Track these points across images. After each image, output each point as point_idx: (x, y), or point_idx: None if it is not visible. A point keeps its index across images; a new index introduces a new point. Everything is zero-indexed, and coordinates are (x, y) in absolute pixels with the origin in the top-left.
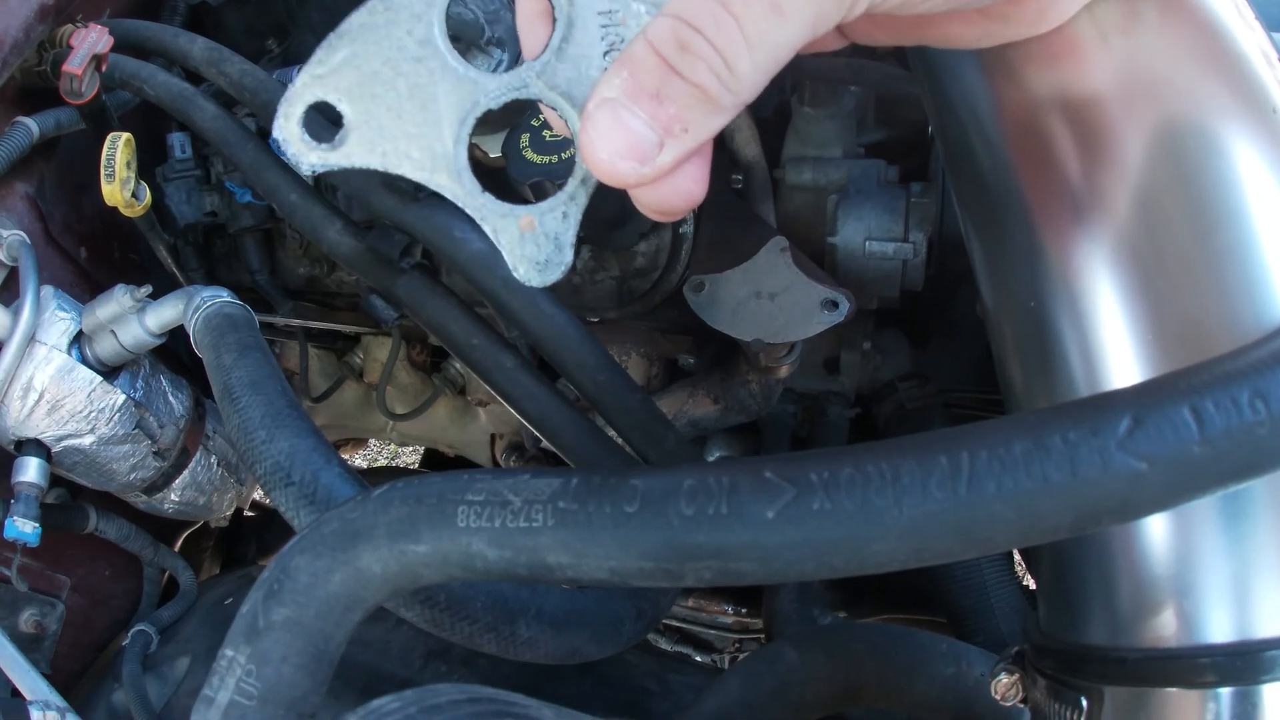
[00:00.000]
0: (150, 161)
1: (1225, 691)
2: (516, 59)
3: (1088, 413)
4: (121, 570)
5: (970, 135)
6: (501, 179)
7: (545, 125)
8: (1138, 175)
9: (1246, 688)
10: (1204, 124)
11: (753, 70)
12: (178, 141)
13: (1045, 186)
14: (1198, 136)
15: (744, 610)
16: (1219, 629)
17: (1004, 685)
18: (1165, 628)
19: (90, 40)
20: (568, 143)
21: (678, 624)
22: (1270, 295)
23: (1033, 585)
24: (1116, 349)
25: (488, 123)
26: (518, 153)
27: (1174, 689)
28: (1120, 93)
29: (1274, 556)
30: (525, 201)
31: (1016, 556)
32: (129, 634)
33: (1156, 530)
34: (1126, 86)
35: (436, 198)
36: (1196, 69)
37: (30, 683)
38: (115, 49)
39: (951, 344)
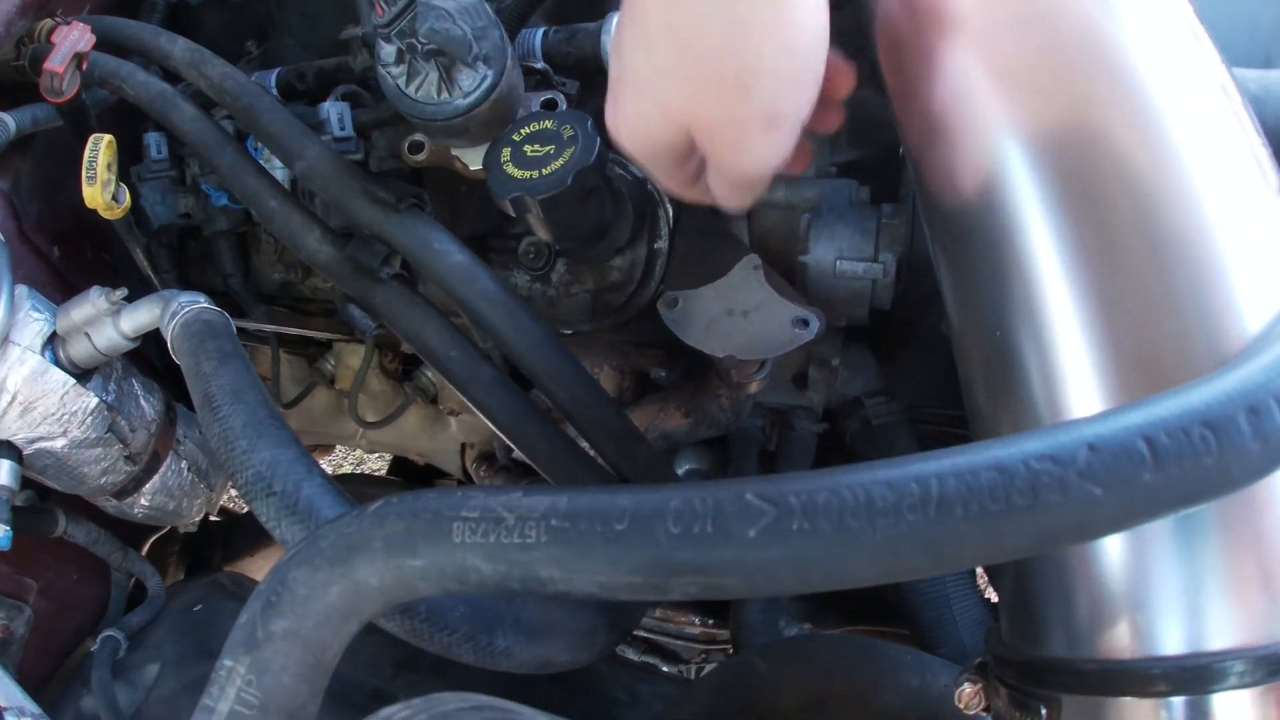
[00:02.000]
0: (125, 160)
1: (1177, 700)
2: (502, 75)
3: (1049, 441)
4: (89, 574)
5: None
6: (482, 192)
7: (527, 140)
8: (1099, 207)
9: (1197, 697)
10: (1167, 154)
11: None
12: (154, 141)
13: (1012, 211)
14: (1161, 168)
15: (710, 621)
16: (1171, 642)
17: (967, 695)
18: (1120, 640)
19: (73, 38)
20: (549, 158)
21: (645, 634)
22: (1225, 332)
23: (994, 598)
24: (1077, 379)
25: (470, 134)
26: (498, 167)
27: (1129, 698)
28: (1087, 105)
29: (1222, 574)
30: (503, 215)
31: (979, 571)
32: (97, 639)
33: (1113, 549)
34: (1094, 104)
35: (417, 209)
36: (1162, 98)
37: (4, 689)
38: (95, 46)
39: (917, 361)
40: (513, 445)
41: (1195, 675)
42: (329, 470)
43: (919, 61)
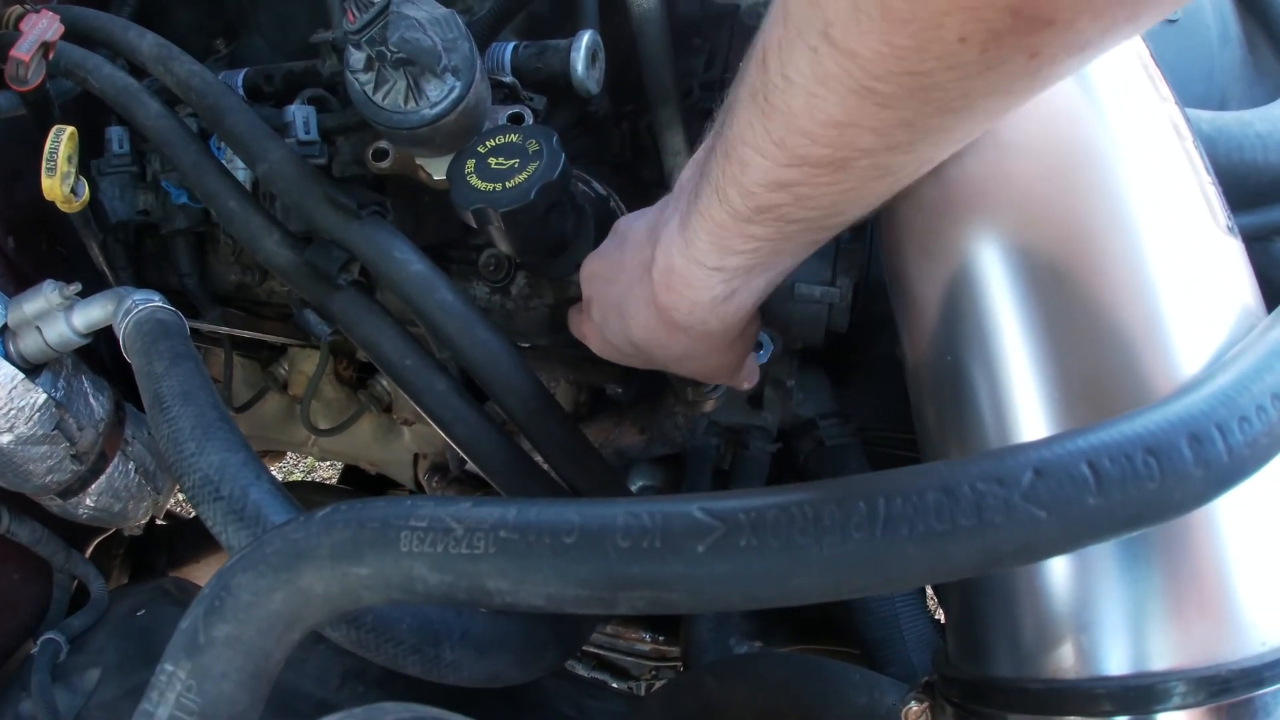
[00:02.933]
0: (86, 153)
1: None
2: (470, 87)
3: (994, 464)
4: (31, 575)
5: (898, 194)
6: (444, 202)
7: (492, 153)
8: (1051, 242)
9: (1141, 716)
10: (1119, 194)
11: None
12: (116, 136)
13: (967, 244)
14: (1111, 208)
15: (661, 638)
16: (1115, 662)
17: (914, 714)
18: (1065, 660)
19: (41, 26)
20: (513, 172)
21: (595, 650)
22: (1168, 363)
23: (943, 619)
24: (1025, 405)
25: (435, 144)
26: (462, 178)
27: (1073, 718)
28: (1038, 139)
29: (1166, 597)
30: (464, 226)
31: (929, 591)
32: (38, 642)
33: (1058, 570)
34: (1046, 136)
35: (378, 216)
36: (1115, 133)
37: None
38: (63, 36)
39: (872, 384)
40: (465, 457)
41: (1139, 695)
42: (279, 477)
43: None
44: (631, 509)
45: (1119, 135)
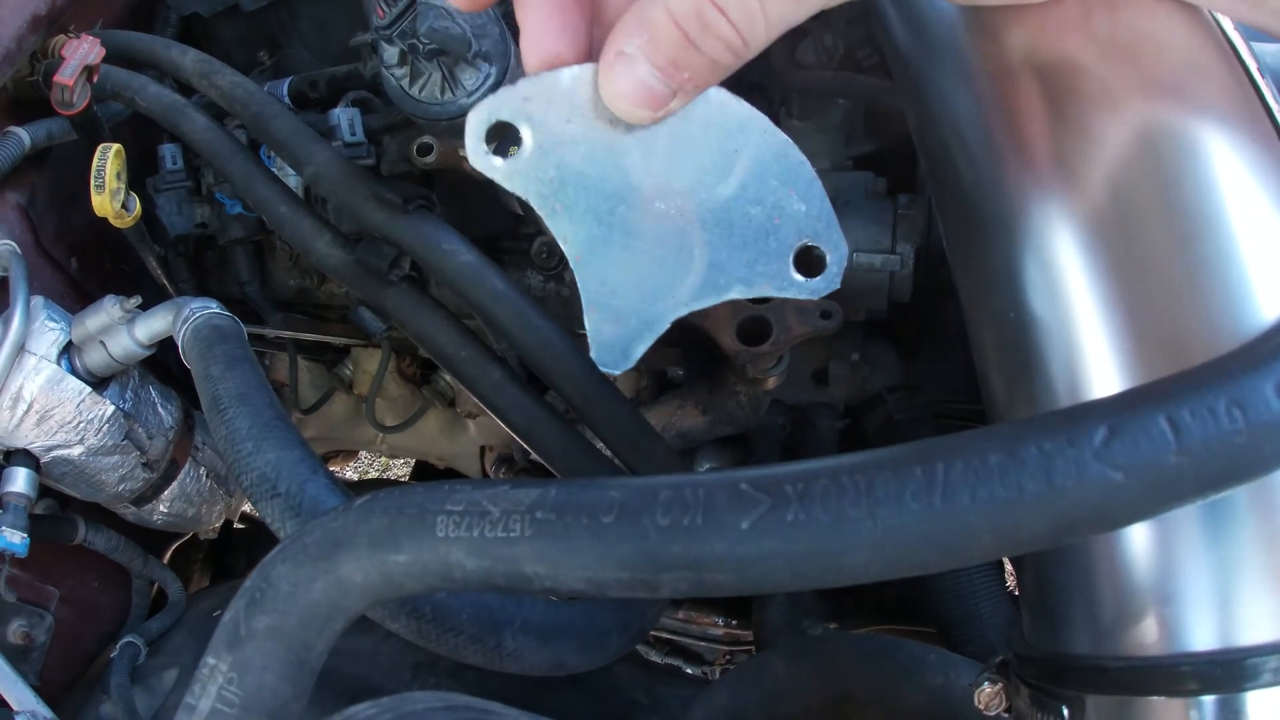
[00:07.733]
0: (141, 172)
1: (1208, 699)
2: (505, 74)
3: (1063, 423)
4: (110, 582)
5: (951, 149)
6: (491, 193)
7: None
8: (1115, 180)
9: (1229, 695)
10: (1184, 126)
11: (765, 40)
12: (169, 153)
13: (1024, 190)
14: (1177, 140)
15: (734, 622)
16: (1201, 637)
17: (987, 695)
18: (1147, 636)
19: (82, 51)
20: None
21: (668, 636)
22: (1248, 305)
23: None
24: (1096, 360)
25: None
26: None
27: (1156, 697)
28: (1099, 71)
29: (1256, 564)
30: (514, 216)
31: (1008, 566)
32: (117, 645)
33: (1138, 539)
34: (1106, 68)
35: (426, 210)
36: (1178, 67)
37: (18, 694)
38: (107, 60)
39: (939, 355)
40: (525, 446)
41: (1226, 672)
42: (354, 477)
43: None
44: (674, 484)
45: (1185, 72)
